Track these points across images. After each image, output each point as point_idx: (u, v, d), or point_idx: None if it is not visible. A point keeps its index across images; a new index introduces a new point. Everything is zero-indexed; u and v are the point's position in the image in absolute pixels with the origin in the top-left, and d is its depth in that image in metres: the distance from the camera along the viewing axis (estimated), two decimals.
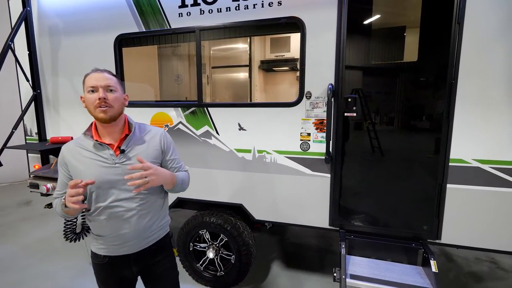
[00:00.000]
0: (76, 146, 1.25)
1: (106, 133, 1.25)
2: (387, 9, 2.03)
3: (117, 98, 1.22)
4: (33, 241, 3.48)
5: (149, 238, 1.34)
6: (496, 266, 2.92)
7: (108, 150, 1.23)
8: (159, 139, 1.34)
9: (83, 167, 1.22)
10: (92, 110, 1.20)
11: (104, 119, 1.19)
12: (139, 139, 1.30)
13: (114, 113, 1.21)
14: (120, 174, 1.22)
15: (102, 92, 1.17)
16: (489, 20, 1.71)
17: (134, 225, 1.26)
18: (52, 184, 2.42)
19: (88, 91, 1.19)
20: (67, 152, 1.26)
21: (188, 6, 2.27)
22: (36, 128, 2.91)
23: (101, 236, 1.29)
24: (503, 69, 1.72)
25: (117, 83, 1.25)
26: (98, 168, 1.21)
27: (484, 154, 1.82)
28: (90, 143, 1.24)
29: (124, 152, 1.23)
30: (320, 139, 2.11)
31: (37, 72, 2.82)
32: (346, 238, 2.11)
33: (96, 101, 1.17)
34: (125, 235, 1.27)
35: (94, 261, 1.35)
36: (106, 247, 1.30)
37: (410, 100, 2.02)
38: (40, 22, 2.75)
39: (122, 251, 1.30)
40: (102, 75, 1.20)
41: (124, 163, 1.23)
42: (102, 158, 1.22)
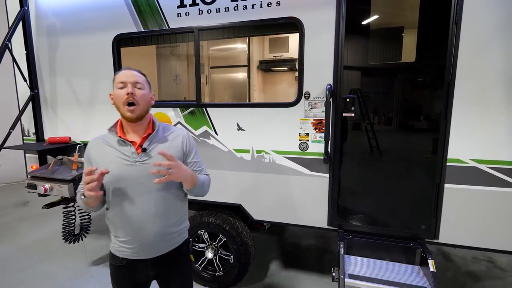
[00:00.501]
0: (101, 141, 1.27)
1: (131, 130, 1.27)
2: (385, 9, 2.03)
3: (144, 96, 1.24)
4: (31, 242, 3.47)
5: (168, 243, 1.32)
6: (494, 265, 2.94)
7: (130, 147, 1.23)
8: (182, 141, 1.34)
9: (105, 163, 1.22)
10: (120, 107, 1.22)
11: (131, 118, 1.21)
12: (161, 139, 1.30)
13: (141, 111, 1.23)
14: (139, 173, 1.22)
15: (131, 88, 1.20)
16: (486, 21, 1.72)
17: (151, 226, 1.25)
18: (50, 185, 2.41)
19: (118, 87, 1.22)
20: (91, 147, 1.28)
21: (186, 6, 2.26)
22: (33, 128, 2.90)
23: (119, 238, 1.28)
24: (500, 69, 1.73)
25: (145, 81, 1.27)
26: (118, 165, 1.22)
27: (482, 154, 1.83)
28: (114, 139, 1.25)
29: (145, 151, 1.24)
30: (319, 139, 2.11)
31: (35, 72, 2.81)
32: (344, 238, 2.11)
33: (124, 96, 1.19)
34: (142, 237, 1.25)
35: (112, 262, 1.34)
36: (124, 250, 1.28)
37: (408, 100, 2.03)
38: (38, 21, 2.74)
39: (140, 255, 1.28)
40: (132, 72, 1.24)
41: (144, 162, 1.23)
42: (123, 155, 1.23)
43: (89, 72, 2.66)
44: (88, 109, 2.72)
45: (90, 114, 2.72)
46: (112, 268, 1.35)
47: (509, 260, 2.99)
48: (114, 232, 1.31)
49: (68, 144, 2.73)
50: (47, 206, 2.76)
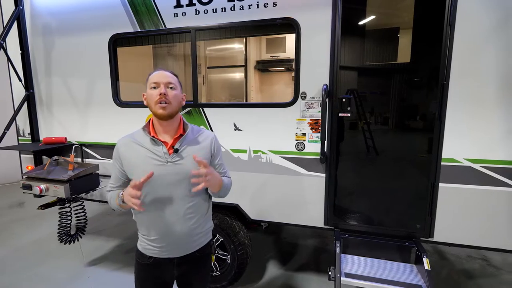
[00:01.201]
0: (131, 141, 1.28)
1: (162, 130, 1.28)
2: (381, 10, 2.05)
3: (176, 96, 1.26)
4: (26, 243, 3.44)
5: (194, 243, 1.35)
6: (487, 263, 2.97)
7: (162, 147, 1.25)
8: (210, 142, 1.36)
9: (137, 162, 1.25)
10: (152, 106, 1.24)
11: (163, 115, 1.22)
12: (192, 140, 1.32)
13: (172, 110, 1.24)
14: (171, 173, 1.24)
15: (163, 88, 1.22)
16: (479, 22, 1.74)
17: (179, 226, 1.28)
18: (46, 185, 2.40)
19: (151, 88, 1.24)
20: (122, 145, 1.29)
21: (183, 6, 2.27)
22: (29, 128, 2.87)
23: (147, 236, 1.31)
24: (494, 69, 1.76)
25: (177, 82, 1.29)
26: (150, 165, 1.23)
27: (475, 153, 1.85)
28: (146, 139, 1.27)
29: (177, 152, 1.26)
30: (315, 139, 2.12)
31: (30, 72, 2.79)
32: (340, 237, 2.13)
33: (157, 96, 1.21)
34: (170, 237, 1.28)
35: (139, 260, 1.36)
36: (152, 248, 1.31)
37: (404, 101, 2.05)
38: (33, 21, 2.72)
39: (168, 254, 1.31)
40: (165, 73, 1.26)
41: (176, 163, 1.25)
42: (155, 155, 1.24)
43: (85, 72, 2.65)
44: (85, 109, 2.70)
45: (87, 114, 2.71)
46: (138, 266, 1.37)
47: (502, 258, 3.03)
48: (142, 231, 1.33)
49: (64, 144, 2.72)
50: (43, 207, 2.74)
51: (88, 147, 2.74)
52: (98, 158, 2.72)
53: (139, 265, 1.37)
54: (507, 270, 2.85)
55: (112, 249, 3.28)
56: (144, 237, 1.33)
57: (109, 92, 2.58)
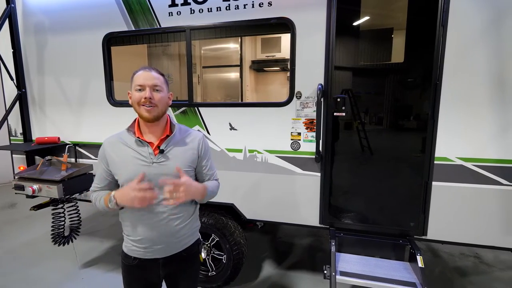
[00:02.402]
0: (117, 140, 1.27)
1: (148, 131, 1.27)
2: (375, 11, 2.07)
3: (163, 98, 1.24)
4: (18, 244, 3.39)
5: (179, 243, 1.34)
6: (480, 261, 3.02)
7: (147, 148, 1.24)
8: (198, 143, 1.35)
9: (122, 162, 1.24)
10: (137, 108, 1.22)
11: (148, 118, 1.21)
12: (178, 141, 1.31)
13: (158, 112, 1.23)
14: (156, 174, 1.23)
15: (149, 92, 1.19)
16: (471, 23, 1.77)
17: (164, 227, 1.27)
18: (38, 186, 2.36)
19: (136, 90, 1.21)
20: (108, 145, 1.28)
21: (178, 5, 2.26)
22: (21, 128, 2.83)
23: (131, 237, 1.30)
24: (485, 70, 1.79)
25: (163, 82, 1.26)
26: (136, 166, 1.22)
27: (468, 152, 1.88)
28: (131, 139, 1.26)
29: (163, 152, 1.25)
30: (310, 138, 2.13)
31: (22, 71, 2.75)
32: (336, 236, 2.14)
33: (142, 99, 1.19)
34: (155, 238, 1.27)
35: (124, 261, 1.35)
36: (136, 249, 1.29)
37: (398, 100, 2.07)
38: (25, 19, 2.68)
39: (152, 255, 1.30)
40: (150, 74, 1.22)
41: (161, 163, 1.24)
42: (141, 156, 1.24)
43: (79, 71, 2.62)
44: (78, 109, 2.67)
45: (80, 114, 2.68)
46: (124, 268, 1.36)
47: (494, 256, 3.08)
48: (127, 231, 1.32)
49: (57, 144, 2.68)
50: (36, 207, 2.70)
51: (82, 147, 2.72)
52: (92, 158, 2.69)
53: (125, 267, 1.35)
54: (498, 267, 2.90)
55: (107, 250, 3.25)
56: (128, 238, 1.32)
57: (103, 91, 2.55)
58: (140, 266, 1.32)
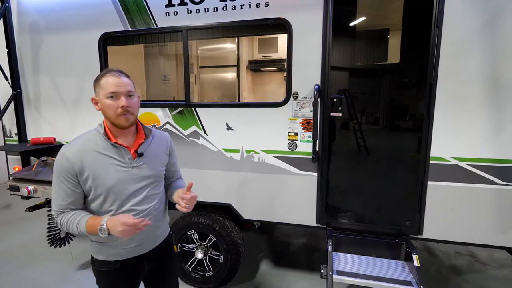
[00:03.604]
0: (86, 148, 1.17)
1: (120, 135, 1.23)
2: (371, 11, 2.08)
3: (136, 103, 1.22)
4: (12, 246, 3.35)
5: (159, 236, 1.40)
6: (475, 259, 3.05)
7: (125, 153, 1.22)
8: (167, 143, 1.40)
9: (101, 171, 1.17)
10: (112, 117, 1.16)
11: (125, 127, 1.20)
12: (151, 144, 1.33)
13: (134, 118, 1.22)
14: (136, 177, 1.24)
15: (125, 101, 1.15)
16: (466, 24, 1.79)
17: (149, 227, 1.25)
18: (34, 187, 2.35)
19: (107, 97, 1.14)
20: (76, 156, 1.14)
21: (175, 5, 2.25)
22: (16, 128, 2.80)
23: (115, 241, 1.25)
24: (479, 70, 1.81)
25: (133, 86, 1.23)
26: (117, 172, 1.20)
27: (462, 152, 1.90)
28: (105, 145, 1.19)
29: (142, 156, 1.26)
30: (307, 138, 2.14)
31: (17, 71, 2.72)
32: (332, 235, 2.15)
33: (118, 109, 1.14)
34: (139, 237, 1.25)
35: (101, 268, 1.29)
36: (119, 251, 1.27)
37: (394, 101, 2.09)
38: (20, 19, 2.66)
39: (137, 252, 1.31)
40: (122, 80, 1.16)
41: (140, 166, 1.25)
42: (119, 161, 1.21)
43: (75, 71, 2.60)
44: (74, 109, 2.65)
45: (76, 114, 2.66)
46: (104, 275, 1.31)
47: (489, 254, 3.11)
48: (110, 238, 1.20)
49: (52, 144, 2.66)
50: (31, 208, 2.68)
51: None
52: None
53: (105, 273, 1.30)
54: (493, 266, 2.93)
55: None
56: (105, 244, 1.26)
57: None
58: (123, 267, 1.29)
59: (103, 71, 1.21)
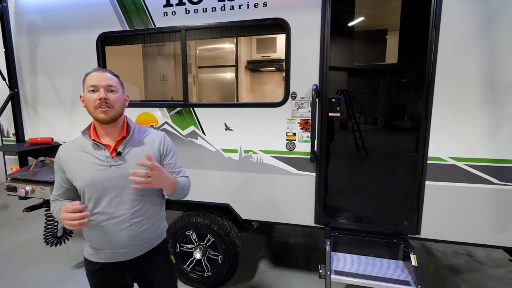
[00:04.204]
0: (72, 147, 1.23)
1: (104, 133, 1.22)
2: (369, 11, 2.09)
3: (118, 99, 1.20)
4: (10, 246, 3.34)
5: (143, 245, 1.29)
6: (472, 259, 3.07)
7: (104, 151, 1.20)
8: (158, 143, 1.30)
9: (78, 168, 1.19)
10: (92, 111, 1.17)
11: (104, 120, 1.17)
12: (137, 142, 1.26)
13: (115, 114, 1.19)
14: (114, 177, 1.19)
15: (103, 93, 1.15)
16: (463, 25, 1.80)
17: (126, 231, 1.22)
18: (31, 187, 2.34)
19: (89, 91, 1.16)
20: (63, 153, 1.24)
21: (173, 5, 2.25)
22: (13, 128, 2.79)
23: (92, 244, 1.26)
24: (477, 71, 1.81)
25: (118, 83, 1.23)
26: (93, 170, 1.18)
27: (460, 152, 1.91)
28: (87, 143, 1.21)
29: (120, 155, 1.20)
30: (305, 138, 2.14)
31: (14, 71, 2.71)
32: (331, 235, 2.15)
33: (96, 101, 1.14)
34: (117, 243, 1.22)
35: (87, 267, 1.31)
36: (97, 254, 1.26)
37: (392, 101, 2.09)
38: (18, 18, 2.65)
39: (114, 259, 1.25)
40: (104, 74, 1.18)
41: (119, 166, 1.20)
42: (97, 159, 1.19)
43: (72, 71, 2.59)
44: (72, 109, 2.65)
45: (74, 114, 2.65)
46: (88, 273, 1.32)
47: (486, 254, 3.13)
48: (87, 238, 1.28)
49: (50, 145, 2.65)
50: (28, 209, 2.67)
51: None
52: None
53: (89, 272, 1.31)
54: (490, 265, 2.94)
55: None
56: (88, 244, 1.28)
57: None
58: (104, 270, 1.27)
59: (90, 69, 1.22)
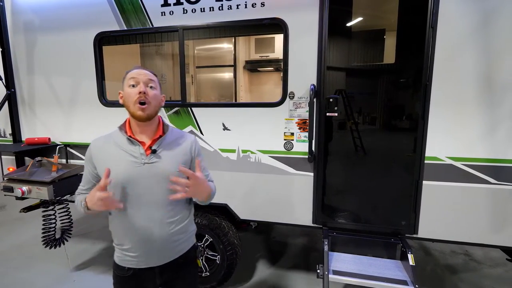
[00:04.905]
0: (106, 141, 1.23)
1: (139, 131, 1.23)
2: (367, 12, 2.09)
3: (156, 96, 1.21)
4: (8, 247, 3.32)
5: (175, 249, 1.28)
6: (470, 258, 3.08)
7: (139, 147, 1.20)
8: (190, 145, 1.31)
9: (111, 163, 1.18)
10: (130, 106, 1.17)
11: (141, 117, 1.17)
12: (171, 142, 1.27)
13: (151, 111, 1.19)
14: (147, 175, 1.18)
15: (143, 86, 1.16)
16: (460, 25, 1.80)
17: (157, 232, 1.21)
18: (28, 187, 2.32)
19: (129, 86, 1.17)
20: (95, 147, 1.24)
21: (170, 5, 2.24)
22: (10, 128, 2.78)
23: (123, 245, 1.24)
24: (474, 71, 1.82)
25: (157, 82, 1.24)
26: (126, 165, 1.18)
27: (457, 151, 1.92)
28: (122, 138, 1.21)
29: (155, 152, 1.20)
30: (303, 138, 2.15)
31: (11, 70, 2.70)
32: (328, 235, 2.16)
33: (136, 95, 1.15)
34: (146, 244, 1.22)
35: (117, 273, 1.29)
36: (129, 259, 1.24)
37: (390, 101, 2.10)
38: (14, 18, 2.63)
39: (148, 264, 1.24)
40: (144, 71, 1.21)
41: (153, 164, 1.20)
42: (131, 156, 1.19)
43: (70, 70, 2.58)
44: (69, 109, 2.64)
45: (71, 114, 2.64)
46: (118, 280, 1.30)
47: (484, 253, 3.14)
48: (116, 240, 1.27)
49: (47, 145, 2.64)
50: (25, 209, 2.65)
51: (73, 148, 2.68)
52: (84, 159, 2.65)
53: (118, 278, 1.29)
54: (488, 264, 2.96)
55: (99, 252, 3.21)
56: (118, 247, 1.27)
57: (95, 91, 2.52)
58: (135, 276, 1.25)
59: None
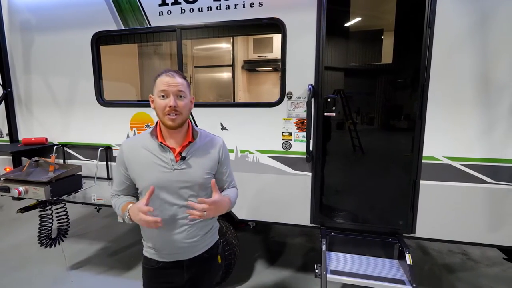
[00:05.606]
0: (137, 145, 1.24)
1: (169, 136, 1.24)
2: (365, 12, 2.10)
3: (186, 105, 1.21)
4: (5, 247, 3.30)
5: (201, 244, 1.32)
6: (467, 257, 3.09)
7: (169, 154, 1.21)
8: (218, 149, 1.33)
9: (142, 167, 1.21)
10: (160, 116, 1.18)
11: (172, 127, 1.19)
12: (200, 147, 1.28)
13: (182, 120, 1.20)
14: (176, 180, 1.21)
15: (173, 101, 1.15)
16: (457, 25, 1.81)
17: (185, 232, 1.25)
18: (25, 187, 2.31)
19: (159, 96, 1.17)
20: (127, 149, 1.25)
21: (168, 4, 2.24)
22: (6, 128, 2.76)
23: (152, 243, 1.29)
24: (471, 71, 1.83)
25: (187, 87, 1.22)
26: (157, 172, 1.20)
27: (454, 151, 1.93)
28: (153, 144, 1.23)
29: (184, 159, 1.22)
30: (301, 138, 2.15)
31: (8, 70, 2.68)
32: (327, 235, 2.16)
33: (166, 108, 1.16)
34: (176, 243, 1.25)
35: (147, 266, 1.33)
36: (159, 255, 1.29)
37: (388, 101, 2.10)
38: (11, 17, 2.62)
39: (175, 257, 1.29)
40: (174, 79, 1.17)
41: (182, 170, 1.22)
42: (162, 161, 1.21)
43: (67, 70, 2.57)
44: (66, 109, 2.62)
45: (69, 114, 2.63)
46: (147, 273, 1.34)
47: (481, 252, 3.15)
48: (146, 237, 1.32)
49: (44, 145, 2.63)
50: (22, 210, 2.64)
51: (70, 148, 2.67)
52: (81, 159, 2.65)
53: (148, 271, 1.33)
54: (485, 264, 2.97)
55: (96, 252, 3.20)
56: (148, 244, 1.32)
57: (92, 91, 2.51)
58: (165, 269, 1.30)
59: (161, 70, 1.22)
